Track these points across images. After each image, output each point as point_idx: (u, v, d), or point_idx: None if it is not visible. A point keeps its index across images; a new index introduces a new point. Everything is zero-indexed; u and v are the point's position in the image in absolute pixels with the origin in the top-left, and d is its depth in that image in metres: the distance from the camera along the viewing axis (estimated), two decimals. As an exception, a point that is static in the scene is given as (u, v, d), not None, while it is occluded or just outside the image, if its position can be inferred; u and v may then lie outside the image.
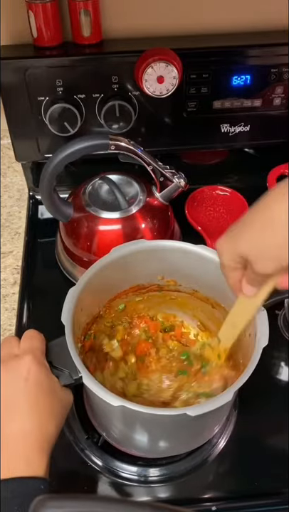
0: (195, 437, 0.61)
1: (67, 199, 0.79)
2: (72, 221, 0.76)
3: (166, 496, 0.62)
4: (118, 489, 0.62)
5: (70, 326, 0.54)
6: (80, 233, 0.76)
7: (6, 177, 0.98)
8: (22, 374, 0.50)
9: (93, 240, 0.75)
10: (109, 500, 0.37)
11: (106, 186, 0.78)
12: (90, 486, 0.62)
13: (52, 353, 0.55)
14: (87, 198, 0.76)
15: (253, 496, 0.61)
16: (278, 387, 0.71)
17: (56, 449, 0.51)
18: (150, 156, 0.72)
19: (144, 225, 0.75)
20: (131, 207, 0.75)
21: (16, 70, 0.75)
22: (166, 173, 0.74)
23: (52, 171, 0.69)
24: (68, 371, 0.53)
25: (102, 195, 0.78)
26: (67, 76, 0.76)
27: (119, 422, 0.58)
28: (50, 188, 0.71)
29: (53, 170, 0.69)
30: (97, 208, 0.75)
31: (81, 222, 0.75)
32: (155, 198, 0.77)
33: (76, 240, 0.77)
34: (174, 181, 0.74)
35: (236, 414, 0.67)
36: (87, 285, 0.59)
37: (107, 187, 0.78)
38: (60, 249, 0.83)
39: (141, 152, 0.71)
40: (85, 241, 0.76)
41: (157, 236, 0.76)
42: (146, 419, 0.52)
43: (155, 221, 0.76)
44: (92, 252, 0.75)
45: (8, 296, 0.80)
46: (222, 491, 0.62)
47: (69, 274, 0.80)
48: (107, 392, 0.49)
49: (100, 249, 0.74)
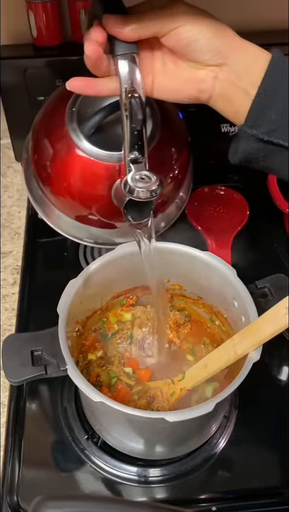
0: (180, 443, 0.61)
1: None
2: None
3: (166, 496, 0.61)
4: (118, 489, 0.62)
5: (65, 317, 0.54)
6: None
7: (6, 177, 0.98)
8: None
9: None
10: (108, 501, 0.37)
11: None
12: (90, 486, 0.62)
13: (43, 341, 0.55)
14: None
15: (253, 496, 0.61)
16: (278, 387, 0.71)
17: (56, 449, 0.51)
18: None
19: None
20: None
21: (16, 69, 0.75)
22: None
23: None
24: (56, 361, 0.53)
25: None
26: (67, 76, 0.76)
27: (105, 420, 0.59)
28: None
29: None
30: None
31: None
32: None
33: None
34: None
35: (236, 414, 0.67)
36: (88, 279, 0.59)
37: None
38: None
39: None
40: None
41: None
42: (127, 418, 0.52)
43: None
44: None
45: (8, 296, 0.80)
46: (222, 491, 0.62)
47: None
48: (89, 387, 0.50)
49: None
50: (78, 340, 0.63)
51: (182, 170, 0.68)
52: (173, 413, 0.48)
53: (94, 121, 0.58)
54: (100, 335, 0.68)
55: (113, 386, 0.63)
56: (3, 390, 0.69)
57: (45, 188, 0.65)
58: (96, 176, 0.60)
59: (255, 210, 0.88)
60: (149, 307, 0.70)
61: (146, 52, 0.51)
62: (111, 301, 0.68)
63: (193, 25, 0.47)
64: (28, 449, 0.64)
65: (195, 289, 0.67)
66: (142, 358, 0.67)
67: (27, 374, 0.53)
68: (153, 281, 0.61)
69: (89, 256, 0.87)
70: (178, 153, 0.66)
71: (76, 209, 0.64)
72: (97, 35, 0.47)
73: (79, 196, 0.62)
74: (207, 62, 0.49)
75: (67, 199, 0.63)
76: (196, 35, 0.48)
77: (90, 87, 0.51)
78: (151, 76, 0.52)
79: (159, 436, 0.58)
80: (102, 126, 0.59)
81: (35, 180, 0.66)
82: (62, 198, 0.64)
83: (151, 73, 0.52)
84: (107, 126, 0.59)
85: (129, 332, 0.68)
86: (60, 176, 0.62)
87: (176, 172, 0.66)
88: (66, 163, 0.61)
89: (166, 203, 0.68)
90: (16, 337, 0.58)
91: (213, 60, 0.49)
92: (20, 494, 0.60)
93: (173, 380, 0.61)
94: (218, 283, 0.61)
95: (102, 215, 0.63)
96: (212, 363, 0.56)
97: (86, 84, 0.51)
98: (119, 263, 0.62)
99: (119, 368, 0.65)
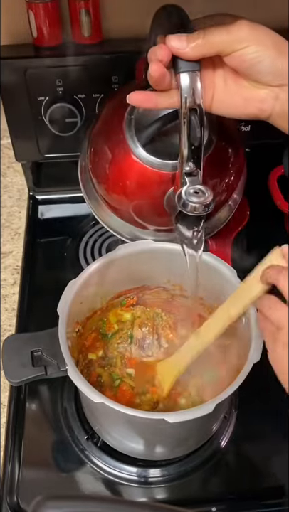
0: (180, 443, 0.61)
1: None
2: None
3: (165, 496, 0.61)
4: (118, 490, 0.62)
5: (65, 317, 0.54)
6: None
7: (6, 177, 0.98)
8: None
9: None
10: (108, 501, 0.37)
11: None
12: (90, 487, 0.62)
13: (43, 342, 0.55)
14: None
15: (253, 496, 0.61)
16: (278, 387, 0.71)
17: (56, 449, 0.51)
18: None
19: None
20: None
21: (16, 69, 0.75)
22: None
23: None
24: (56, 362, 0.53)
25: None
26: (67, 76, 0.76)
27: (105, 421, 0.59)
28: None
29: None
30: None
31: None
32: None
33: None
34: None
35: (236, 414, 0.67)
36: (88, 279, 0.59)
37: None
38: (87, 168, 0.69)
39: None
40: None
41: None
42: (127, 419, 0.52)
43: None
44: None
45: (8, 296, 0.80)
46: (222, 491, 0.62)
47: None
48: (89, 388, 0.50)
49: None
50: (78, 341, 0.63)
51: (238, 173, 0.68)
52: (173, 414, 0.48)
53: (151, 130, 0.60)
54: (100, 334, 0.68)
55: (116, 388, 0.63)
56: (3, 390, 0.69)
57: (101, 189, 0.66)
58: (149, 183, 0.61)
59: (255, 211, 0.88)
60: (149, 307, 0.70)
61: (207, 68, 0.51)
62: (111, 301, 0.68)
63: (257, 46, 0.47)
64: (28, 449, 0.64)
65: (195, 289, 0.67)
66: (141, 358, 0.68)
67: (27, 374, 0.53)
68: (190, 288, 0.60)
69: (89, 256, 0.87)
70: (234, 156, 0.66)
71: (129, 212, 0.65)
72: (161, 55, 0.48)
73: (132, 201, 0.64)
74: (269, 83, 0.49)
75: (122, 202, 0.64)
76: (260, 57, 0.47)
77: (150, 101, 0.52)
78: (212, 92, 0.52)
79: (159, 436, 0.58)
80: (159, 134, 0.60)
81: (91, 183, 0.68)
82: (117, 201, 0.65)
83: (212, 89, 0.52)
84: (163, 135, 0.60)
85: (129, 332, 0.68)
86: (115, 180, 0.64)
87: (231, 177, 0.67)
88: (122, 168, 0.62)
89: (219, 208, 0.68)
90: (16, 337, 0.58)
91: (275, 81, 0.49)
92: (20, 494, 0.60)
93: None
94: (218, 283, 0.61)
95: (153, 222, 0.64)
96: (207, 332, 0.57)
97: (146, 98, 0.52)
98: (119, 263, 0.62)
99: (122, 370, 0.65)
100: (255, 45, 0.47)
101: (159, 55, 0.48)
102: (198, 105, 0.50)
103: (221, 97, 0.52)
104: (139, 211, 0.64)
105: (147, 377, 0.64)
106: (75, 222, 0.91)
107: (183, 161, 0.52)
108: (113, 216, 0.67)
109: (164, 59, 0.48)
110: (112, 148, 0.62)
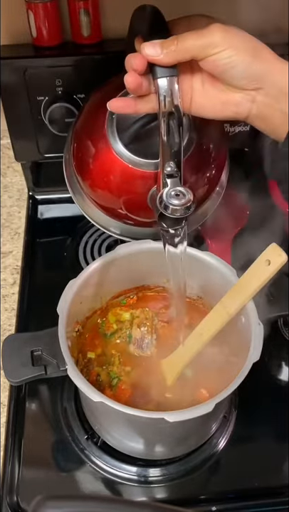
0: (180, 442, 0.61)
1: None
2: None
3: (165, 496, 0.61)
4: (118, 489, 0.62)
5: (65, 317, 0.54)
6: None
7: (6, 177, 0.98)
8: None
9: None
10: (109, 501, 0.37)
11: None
12: (90, 486, 0.62)
13: (43, 341, 0.55)
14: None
15: (253, 496, 0.61)
16: (278, 387, 0.71)
17: (56, 449, 0.51)
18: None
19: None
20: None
21: (16, 69, 0.75)
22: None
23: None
24: (56, 361, 0.53)
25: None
26: (66, 76, 0.76)
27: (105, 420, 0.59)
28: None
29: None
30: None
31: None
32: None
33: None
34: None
35: (236, 414, 0.67)
36: (88, 279, 0.59)
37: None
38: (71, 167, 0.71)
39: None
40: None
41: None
42: (127, 418, 0.52)
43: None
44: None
45: (8, 296, 0.80)
46: (222, 491, 0.62)
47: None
48: (89, 387, 0.50)
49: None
50: (78, 340, 0.63)
51: (220, 166, 0.69)
52: (173, 413, 0.48)
53: (132, 129, 0.60)
54: (99, 334, 0.68)
55: (115, 386, 0.63)
56: (3, 390, 0.69)
57: (85, 185, 0.67)
58: (131, 180, 0.61)
59: (255, 211, 0.88)
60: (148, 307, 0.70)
61: (185, 72, 0.51)
62: (111, 301, 0.68)
63: (231, 51, 0.47)
64: (28, 449, 0.64)
65: (195, 289, 0.67)
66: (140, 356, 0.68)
67: (27, 374, 0.53)
68: (174, 285, 0.60)
69: (89, 256, 0.87)
70: (216, 151, 0.67)
71: (112, 207, 0.66)
72: (136, 64, 0.48)
73: (116, 197, 0.64)
74: (244, 87, 0.49)
75: (105, 197, 0.65)
76: (234, 62, 0.47)
77: (130, 107, 0.53)
78: (190, 95, 0.52)
79: (159, 436, 0.58)
80: (140, 133, 0.60)
81: (75, 178, 0.68)
82: (101, 196, 0.66)
83: (190, 92, 0.52)
84: (145, 134, 0.60)
85: (127, 331, 0.68)
86: (98, 176, 0.64)
87: (213, 171, 0.67)
88: (104, 166, 0.62)
89: (202, 202, 0.69)
90: (15, 337, 0.58)
91: (250, 85, 0.49)
92: (20, 494, 0.60)
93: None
94: (218, 283, 0.61)
95: (136, 214, 0.65)
96: (206, 329, 0.57)
97: (126, 104, 0.53)
98: (119, 263, 0.62)
99: (120, 368, 0.65)
100: (229, 50, 0.47)
101: (134, 65, 0.48)
102: (176, 110, 0.50)
103: (200, 99, 0.52)
104: (122, 206, 0.64)
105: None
106: (75, 222, 0.91)
107: (163, 163, 0.53)
108: (97, 211, 0.67)
109: (138, 68, 0.48)
110: (95, 145, 0.63)
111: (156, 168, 0.57)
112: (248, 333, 0.55)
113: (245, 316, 0.56)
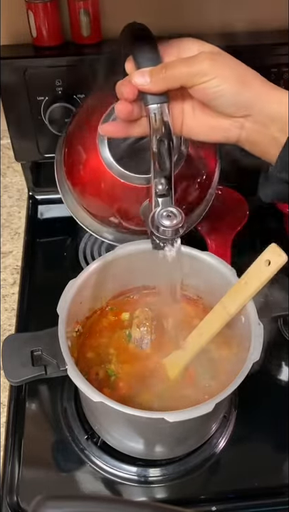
0: (179, 442, 0.61)
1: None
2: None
3: (165, 496, 0.61)
4: (118, 489, 0.62)
5: (65, 317, 0.54)
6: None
7: (6, 177, 0.98)
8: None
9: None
10: (109, 501, 0.37)
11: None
12: (90, 486, 0.62)
13: (43, 341, 0.55)
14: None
15: (253, 496, 0.61)
16: (278, 387, 0.71)
17: (56, 449, 0.51)
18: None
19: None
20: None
21: (16, 69, 0.75)
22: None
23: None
24: (56, 361, 0.53)
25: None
26: (66, 76, 0.76)
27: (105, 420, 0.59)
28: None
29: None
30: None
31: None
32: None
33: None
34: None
35: (236, 414, 0.67)
36: (88, 279, 0.59)
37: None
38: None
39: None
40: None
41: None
42: (127, 418, 0.52)
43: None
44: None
45: (8, 296, 0.80)
46: (222, 491, 0.62)
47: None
48: (89, 387, 0.50)
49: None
50: (78, 340, 0.63)
51: (211, 171, 0.70)
52: (173, 413, 0.48)
53: (124, 145, 0.61)
54: (99, 333, 0.68)
55: (112, 384, 0.63)
56: (3, 390, 0.69)
57: (75, 191, 0.68)
58: (122, 193, 0.63)
59: (254, 210, 0.88)
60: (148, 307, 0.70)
61: (176, 97, 0.51)
62: (111, 301, 0.68)
63: (219, 80, 0.47)
64: (28, 449, 0.64)
65: (195, 289, 0.67)
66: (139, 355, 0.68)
67: (27, 374, 0.53)
68: (163, 285, 0.61)
69: (89, 256, 0.87)
70: (207, 157, 0.68)
71: (103, 215, 0.68)
72: (127, 92, 0.49)
73: (108, 206, 0.66)
74: (232, 114, 0.49)
75: (96, 205, 0.67)
76: (222, 91, 0.47)
77: (121, 131, 0.54)
78: (181, 119, 0.53)
79: (159, 435, 0.58)
80: (132, 149, 0.61)
81: (66, 182, 0.69)
82: (92, 204, 0.68)
83: (181, 117, 0.53)
84: (136, 150, 0.61)
85: (127, 331, 0.68)
86: (88, 185, 0.66)
87: (204, 176, 0.69)
88: (95, 176, 0.64)
89: (195, 206, 0.70)
90: (15, 337, 0.58)
91: (238, 112, 0.49)
92: (20, 494, 0.60)
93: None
94: (218, 283, 0.61)
95: (128, 223, 0.67)
96: (206, 329, 0.57)
97: (117, 129, 0.54)
98: (119, 263, 0.62)
99: (117, 366, 0.65)
100: (217, 79, 0.47)
101: (125, 93, 0.49)
102: (167, 136, 0.50)
103: (190, 123, 0.53)
104: (113, 215, 0.66)
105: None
106: (75, 222, 0.90)
107: (155, 184, 0.53)
108: (87, 218, 0.69)
109: (129, 96, 0.49)
110: (86, 152, 0.64)
111: (147, 183, 0.58)
112: (248, 333, 0.55)
113: (245, 316, 0.56)
